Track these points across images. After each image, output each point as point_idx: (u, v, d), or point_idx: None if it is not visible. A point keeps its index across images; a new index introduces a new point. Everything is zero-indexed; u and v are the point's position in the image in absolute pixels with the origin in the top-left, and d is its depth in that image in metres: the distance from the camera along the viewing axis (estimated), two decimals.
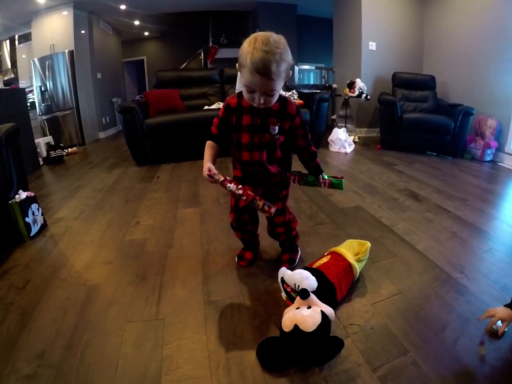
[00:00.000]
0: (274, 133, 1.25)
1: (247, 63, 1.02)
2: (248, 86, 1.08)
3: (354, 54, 4.93)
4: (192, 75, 4.44)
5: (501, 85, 3.67)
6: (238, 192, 1.15)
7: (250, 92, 1.10)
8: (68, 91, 4.95)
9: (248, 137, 1.25)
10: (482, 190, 2.71)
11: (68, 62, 4.86)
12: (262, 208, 1.16)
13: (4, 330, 1.18)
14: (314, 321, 0.99)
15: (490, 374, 0.97)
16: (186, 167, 3.39)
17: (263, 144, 1.25)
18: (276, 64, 1.02)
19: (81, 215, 2.23)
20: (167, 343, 1.10)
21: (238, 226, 1.50)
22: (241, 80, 1.11)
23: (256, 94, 1.09)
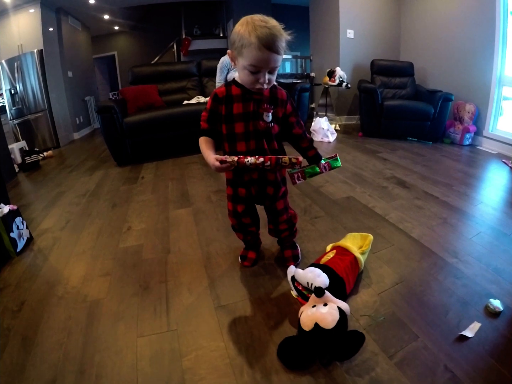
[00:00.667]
0: (268, 120, 1.22)
1: (253, 41, 1.00)
2: (254, 66, 1.05)
3: (332, 42, 4.94)
4: (169, 69, 4.33)
5: (478, 71, 3.77)
6: (259, 161, 1.08)
7: (255, 72, 1.06)
8: (39, 92, 4.73)
9: (242, 126, 1.20)
10: (465, 174, 2.80)
11: (37, 62, 4.63)
12: (291, 162, 1.10)
13: (7, 359, 1.10)
14: (333, 318, 0.99)
15: (492, 351, 1.05)
16: (169, 164, 3.32)
17: (259, 133, 1.22)
18: (281, 38, 1.04)
19: (68, 224, 2.14)
20: (185, 354, 1.07)
21: (239, 229, 1.48)
22: (242, 62, 1.06)
23: (262, 73, 1.07)
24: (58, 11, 5.27)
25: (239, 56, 1.06)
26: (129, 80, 4.22)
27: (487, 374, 0.97)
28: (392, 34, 5.03)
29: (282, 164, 1.10)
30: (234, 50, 1.08)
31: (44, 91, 4.75)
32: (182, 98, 4.09)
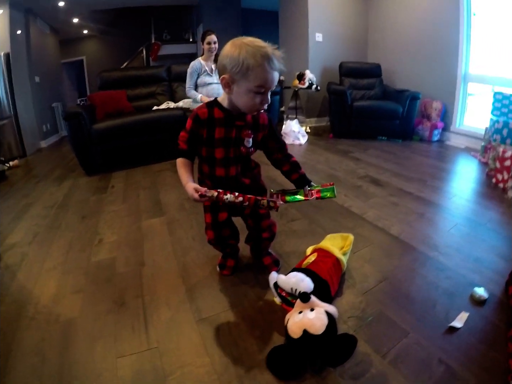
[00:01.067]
0: (248, 145, 1.20)
1: (260, 62, 0.99)
2: (262, 86, 1.02)
3: (301, 46, 4.96)
4: (138, 74, 4.22)
5: (444, 69, 3.89)
6: (238, 200, 1.07)
7: (260, 93, 1.04)
8: (4, 98, 4.42)
9: (222, 151, 1.17)
10: (436, 169, 2.86)
11: (4, 66, 4.34)
12: (268, 205, 1.10)
13: None
14: (322, 323, 0.96)
15: (483, 338, 1.08)
16: (140, 172, 3.21)
17: (239, 159, 1.20)
18: (280, 57, 1.05)
19: (36, 238, 2.00)
20: (169, 373, 1.01)
21: (218, 243, 1.41)
22: (247, 85, 1.02)
23: (266, 94, 1.06)
24: (27, 13, 5.01)
25: (243, 80, 1.02)
26: (98, 85, 4.08)
27: (481, 361, 0.98)
28: (359, 37, 5.12)
29: (260, 206, 1.10)
30: (234, 75, 1.02)
31: (10, 97, 4.47)
32: (151, 104, 4.00)
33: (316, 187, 1.33)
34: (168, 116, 3.44)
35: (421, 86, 4.11)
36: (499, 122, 2.79)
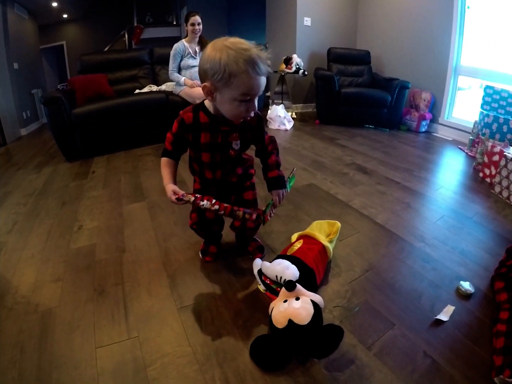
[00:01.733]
0: (237, 148, 1.17)
1: (243, 68, 0.90)
2: (247, 94, 0.95)
3: (289, 30, 4.88)
4: (119, 57, 4.09)
5: (435, 60, 3.87)
6: (214, 208, 1.06)
7: (246, 101, 0.97)
8: None
9: (208, 156, 1.15)
10: (423, 160, 2.87)
11: None
12: (243, 217, 1.09)
13: None
14: (307, 313, 0.94)
15: (468, 333, 1.07)
16: (121, 157, 3.13)
17: (227, 161, 1.18)
18: (266, 59, 0.95)
19: (15, 226, 1.93)
20: (150, 363, 0.97)
21: (201, 227, 1.37)
22: (230, 93, 0.95)
23: (252, 101, 0.99)
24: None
25: (226, 88, 0.94)
26: (78, 69, 3.94)
27: (466, 355, 0.98)
28: (349, 23, 5.05)
29: (235, 216, 1.10)
30: (215, 82, 0.94)
31: None
32: (133, 87, 3.89)
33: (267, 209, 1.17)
34: (150, 99, 3.35)
35: (411, 75, 4.09)
36: (489, 117, 2.80)
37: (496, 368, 0.90)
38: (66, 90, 3.48)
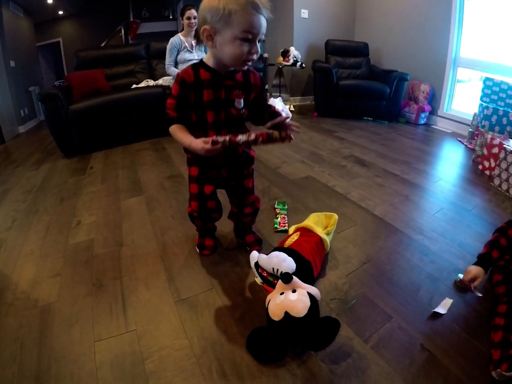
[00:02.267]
0: (239, 107, 1.13)
1: (243, 4, 0.90)
2: (249, 32, 0.93)
3: (286, 22, 4.84)
4: (116, 53, 4.07)
5: (434, 51, 3.83)
6: (251, 138, 1.00)
7: (246, 41, 0.95)
8: None
9: (212, 114, 1.11)
10: (422, 152, 2.86)
11: None
12: (280, 136, 1.03)
13: None
14: (304, 305, 0.94)
15: (466, 326, 1.07)
16: (119, 152, 3.13)
17: (230, 122, 1.14)
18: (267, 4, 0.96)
19: (14, 223, 1.93)
20: (148, 356, 0.98)
21: (201, 215, 1.36)
22: (232, 32, 0.94)
23: (254, 42, 0.98)
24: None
25: (226, 28, 0.93)
26: (74, 66, 3.94)
27: (463, 349, 0.98)
28: (346, 14, 5.01)
29: (273, 138, 1.02)
30: (215, 24, 0.93)
31: None
32: (130, 82, 3.88)
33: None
34: (147, 94, 3.35)
35: (410, 67, 4.06)
36: (488, 109, 2.79)
37: (494, 362, 0.89)
38: (63, 87, 3.47)
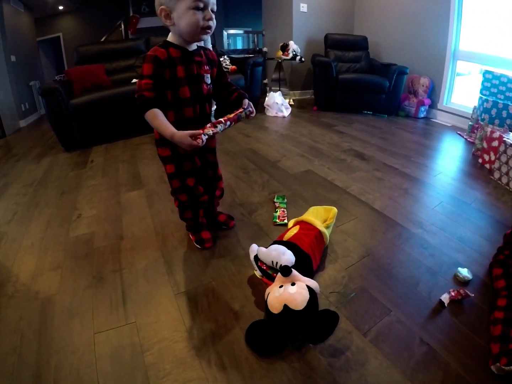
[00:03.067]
0: (208, 82, 1.22)
1: None
2: (198, 0, 1.02)
3: (285, 16, 4.82)
4: (115, 48, 4.08)
5: (433, 44, 3.80)
6: (227, 124, 1.15)
7: (199, 9, 1.03)
8: None
9: (187, 90, 1.15)
10: (421, 146, 2.85)
11: None
12: (246, 115, 1.22)
13: None
14: (303, 298, 0.95)
15: (465, 320, 1.07)
16: (119, 146, 3.14)
17: (202, 97, 1.20)
18: None
19: (15, 216, 1.94)
20: (147, 348, 0.99)
21: (192, 204, 1.37)
22: (184, 4, 1.02)
23: (207, 10, 1.05)
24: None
25: (178, 2, 1.02)
26: (74, 60, 3.94)
27: (463, 343, 0.98)
28: (345, 8, 4.97)
29: (241, 119, 1.20)
30: (169, 2, 1.03)
31: None
32: (130, 77, 3.87)
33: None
34: None
35: (409, 61, 4.03)
36: (488, 102, 2.77)
37: (493, 356, 0.90)
38: (64, 81, 3.46)
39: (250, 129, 3.40)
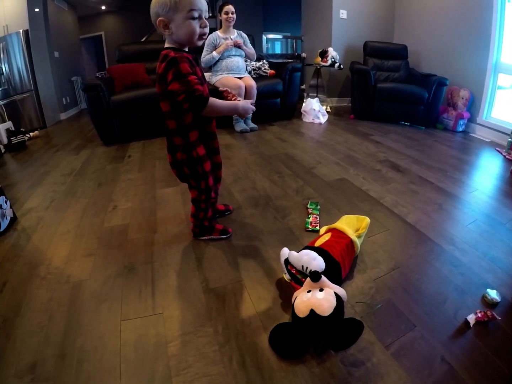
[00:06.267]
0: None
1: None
2: (195, 10, 1.12)
3: (325, 22, 4.81)
4: (156, 48, 4.17)
5: (474, 57, 3.68)
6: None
7: (195, 19, 1.13)
8: (25, 72, 4.52)
9: (206, 88, 1.27)
10: (459, 161, 2.76)
11: (23, 42, 4.42)
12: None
13: None
14: (330, 304, 0.94)
15: (490, 343, 1.02)
16: (157, 143, 3.23)
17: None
18: None
19: (52, 203, 2.04)
20: (171, 340, 1.02)
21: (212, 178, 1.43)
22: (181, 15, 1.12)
23: (203, 18, 1.16)
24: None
25: (176, 13, 1.11)
26: (116, 58, 4.09)
27: (484, 367, 0.94)
28: (386, 16, 4.91)
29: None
30: (166, 14, 1.11)
31: (30, 71, 4.55)
32: None
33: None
34: None
35: (449, 72, 3.91)
36: None
37: None
38: (105, 78, 3.61)
39: (286, 134, 3.41)
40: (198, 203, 1.44)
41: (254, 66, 4.02)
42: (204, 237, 1.55)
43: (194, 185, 1.39)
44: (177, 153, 1.31)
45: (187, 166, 1.32)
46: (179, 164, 1.34)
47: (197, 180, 1.36)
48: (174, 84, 1.11)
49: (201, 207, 1.45)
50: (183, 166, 1.33)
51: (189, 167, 1.33)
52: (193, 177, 1.36)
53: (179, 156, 1.31)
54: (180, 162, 1.32)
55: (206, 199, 1.43)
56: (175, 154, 1.31)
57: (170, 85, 1.12)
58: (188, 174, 1.35)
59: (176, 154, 1.31)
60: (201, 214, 1.47)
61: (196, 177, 1.35)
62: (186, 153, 1.29)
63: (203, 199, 1.42)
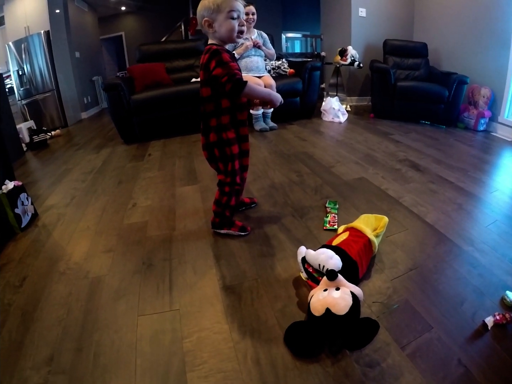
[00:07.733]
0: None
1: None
2: (234, 10, 1.27)
3: (344, 21, 4.77)
4: (176, 47, 4.26)
5: (495, 55, 3.57)
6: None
7: (234, 18, 1.28)
8: (46, 72, 4.69)
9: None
10: (480, 160, 2.69)
11: (44, 43, 4.57)
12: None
13: (5, 336, 1.08)
14: (346, 304, 0.94)
15: (508, 347, 0.99)
16: (177, 142, 3.27)
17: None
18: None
19: (73, 200, 2.10)
20: (187, 335, 1.03)
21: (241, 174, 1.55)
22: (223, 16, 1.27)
23: (240, 18, 1.31)
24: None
25: (219, 14, 1.27)
26: (137, 58, 4.15)
27: (502, 370, 0.92)
28: (405, 13, 4.82)
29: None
30: (211, 15, 1.28)
31: (51, 71, 4.70)
32: (190, 76, 4.03)
33: None
34: None
35: (469, 70, 3.80)
36: None
37: None
38: (126, 78, 3.68)
39: (306, 133, 3.40)
40: (223, 186, 1.50)
41: (273, 65, 4.02)
42: (222, 231, 1.57)
43: (222, 169, 1.46)
44: (210, 134, 1.40)
45: (217, 147, 1.41)
46: (210, 146, 1.43)
47: (225, 162, 1.44)
48: (218, 69, 1.25)
49: (225, 191, 1.49)
50: (214, 147, 1.42)
51: (219, 148, 1.41)
52: (222, 159, 1.43)
53: (211, 137, 1.40)
54: (212, 144, 1.41)
55: (231, 183, 1.47)
56: (209, 135, 1.41)
57: (214, 71, 1.26)
58: (217, 157, 1.44)
59: (209, 135, 1.41)
60: (224, 198, 1.50)
61: (224, 158, 1.43)
62: (218, 134, 1.39)
63: (228, 181, 1.47)
